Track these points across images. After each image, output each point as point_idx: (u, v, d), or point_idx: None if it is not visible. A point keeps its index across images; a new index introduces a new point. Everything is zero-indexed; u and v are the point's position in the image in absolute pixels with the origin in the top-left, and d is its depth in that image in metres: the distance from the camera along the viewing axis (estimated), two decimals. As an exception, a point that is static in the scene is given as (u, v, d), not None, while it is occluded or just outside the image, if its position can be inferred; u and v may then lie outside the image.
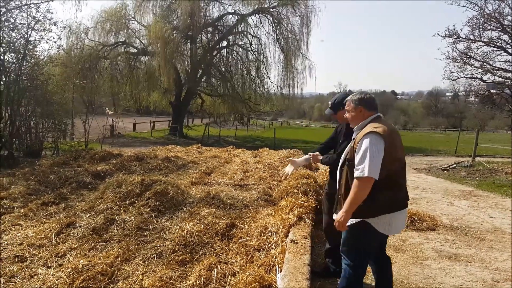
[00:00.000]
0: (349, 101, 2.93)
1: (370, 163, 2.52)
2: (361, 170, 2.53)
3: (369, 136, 2.61)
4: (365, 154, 2.55)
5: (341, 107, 3.46)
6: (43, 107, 10.64)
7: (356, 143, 2.68)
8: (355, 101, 2.89)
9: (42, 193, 5.77)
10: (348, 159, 2.74)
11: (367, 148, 2.56)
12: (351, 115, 2.91)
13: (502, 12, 13.30)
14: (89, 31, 23.29)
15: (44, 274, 3.12)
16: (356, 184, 2.55)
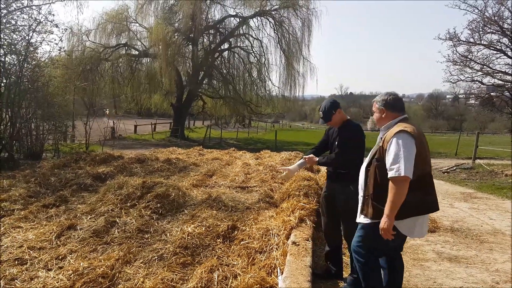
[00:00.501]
0: (374, 102, 2.94)
1: (404, 162, 2.47)
2: (396, 170, 2.48)
3: (400, 134, 2.57)
4: (399, 153, 2.50)
5: (333, 111, 3.53)
6: (44, 109, 10.65)
7: (386, 143, 2.63)
8: (379, 103, 2.88)
9: (42, 196, 5.76)
10: (377, 158, 2.68)
11: (399, 147, 2.52)
12: (376, 116, 2.92)
13: (501, 16, 13.34)
14: (91, 33, 23.38)
15: (44, 277, 3.12)
16: (393, 186, 2.50)
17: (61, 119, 11.54)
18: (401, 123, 2.69)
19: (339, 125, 3.60)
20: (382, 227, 2.55)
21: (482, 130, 46.47)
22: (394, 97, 2.84)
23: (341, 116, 3.60)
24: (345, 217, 3.52)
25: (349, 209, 3.46)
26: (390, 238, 2.57)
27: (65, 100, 12.08)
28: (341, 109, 3.61)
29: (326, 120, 3.59)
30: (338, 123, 3.60)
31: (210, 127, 27.83)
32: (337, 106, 3.57)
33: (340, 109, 3.60)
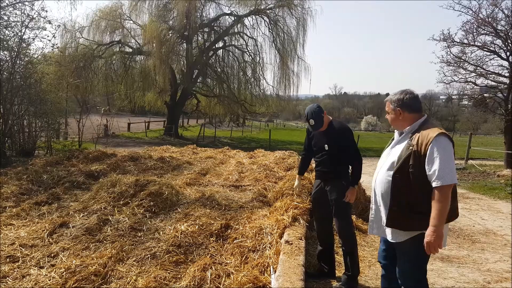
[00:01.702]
0: (388, 101, 2.69)
1: (451, 168, 2.30)
2: (444, 177, 2.27)
3: (441, 138, 2.35)
4: (444, 159, 2.30)
5: (322, 114, 3.56)
6: (36, 106, 10.56)
7: (422, 147, 2.38)
8: (394, 103, 2.63)
9: (34, 193, 5.72)
10: (412, 164, 2.40)
11: (444, 152, 2.31)
12: (390, 117, 2.67)
13: (495, 17, 13.43)
14: (84, 30, 23.22)
15: (36, 275, 3.09)
16: (441, 194, 2.28)
17: (53, 116, 11.44)
18: (432, 126, 2.48)
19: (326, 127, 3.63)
20: (429, 240, 2.29)
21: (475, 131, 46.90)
22: (411, 95, 2.59)
23: (327, 119, 3.65)
24: (338, 213, 3.54)
25: (341, 204, 3.49)
26: (436, 252, 2.35)
27: (58, 97, 11.97)
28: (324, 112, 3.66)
29: (319, 127, 3.57)
30: (325, 125, 3.64)
31: (204, 125, 27.79)
32: (322, 111, 3.58)
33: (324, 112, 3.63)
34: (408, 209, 2.41)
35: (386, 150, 2.74)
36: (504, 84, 13.86)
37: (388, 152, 2.69)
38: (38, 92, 10.63)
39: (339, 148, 3.54)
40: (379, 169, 2.67)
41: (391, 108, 2.65)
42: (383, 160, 2.69)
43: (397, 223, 2.48)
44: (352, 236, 3.58)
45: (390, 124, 2.71)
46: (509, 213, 7.04)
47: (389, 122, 2.72)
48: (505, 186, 9.68)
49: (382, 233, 2.64)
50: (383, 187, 2.56)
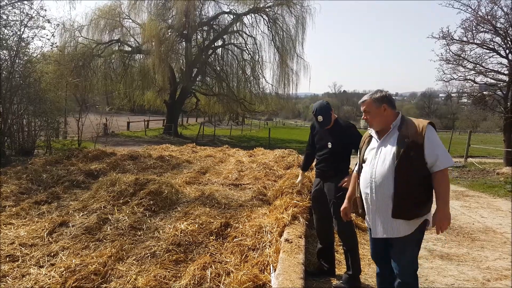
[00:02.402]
0: (368, 101, 2.69)
1: (447, 152, 2.48)
2: (445, 161, 2.44)
3: (431, 127, 2.52)
4: (439, 145, 2.47)
5: (331, 112, 3.55)
6: (35, 105, 10.54)
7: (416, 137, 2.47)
8: (378, 101, 2.65)
9: (34, 192, 5.72)
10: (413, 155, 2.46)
11: (436, 139, 2.49)
12: (373, 116, 2.66)
13: (494, 15, 13.39)
14: (83, 29, 23.16)
15: (36, 274, 3.09)
16: (444, 177, 2.45)
17: (53, 115, 11.42)
18: (410, 119, 2.63)
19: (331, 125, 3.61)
20: (444, 221, 2.44)
21: (474, 128, 46.93)
22: (389, 93, 2.72)
23: (333, 116, 3.63)
24: (336, 212, 3.53)
25: (340, 204, 3.48)
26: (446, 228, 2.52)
27: (57, 96, 11.95)
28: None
29: (328, 124, 3.53)
30: (331, 123, 3.62)
31: (204, 124, 27.77)
32: (330, 109, 3.57)
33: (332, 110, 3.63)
34: (413, 199, 2.47)
35: (369, 150, 2.72)
36: (503, 82, 13.84)
37: (374, 151, 2.65)
38: (37, 91, 10.61)
39: (343, 146, 3.53)
40: (371, 169, 2.61)
41: (374, 107, 2.66)
42: (372, 159, 2.63)
43: (406, 216, 2.51)
44: (353, 235, 3.57)
45: (371, 123, 2.70)
46: (509, 211, 7.05)
47: (370, 122, 2.70)
48: (505, 184, 9.69)
49: (389, 232, 2.57)
50: (385, 185, 2.53)
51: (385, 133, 2.64)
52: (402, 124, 2.58)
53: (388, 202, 2.52)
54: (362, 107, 2.73)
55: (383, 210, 2.56)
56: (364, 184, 2.68)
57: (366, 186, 2.64)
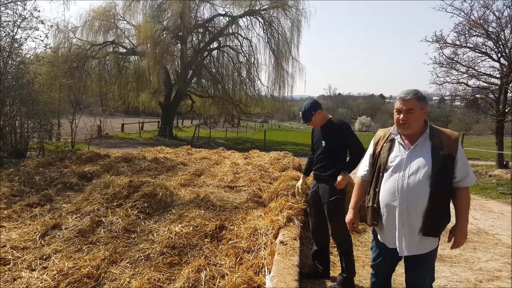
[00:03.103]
0: (414, 100, 2.35)
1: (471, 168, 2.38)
2: (470, 179, 2.35)
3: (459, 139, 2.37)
4: (466, 161, 2.35)
5: (312, 111, 3.56)
6: (28, 106, 10.46)
7: (452, 151, 2.32)
8: (422, 100, 2.36)
9: (26, 194, 5.66)
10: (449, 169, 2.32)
11: (463, 153, 2.36)
12: (416, 117, 2.35)
13: (487, 19, 13.55)
14: (77, 30, 23.08)
15: (28, 277, 3.06)
16: (468, 194, 2.37)
17: (46, 117, 11.32)
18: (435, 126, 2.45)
19: (323, 124, 3.62)
20: (462, 240, 2.42)
21: (467, 131, 47.27)
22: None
23: (322, 116, 3.61)
24: (330, 215, 3.53)
25: (333, 207, 3.47)
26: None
27: (51, 98, 11.85)
28: (322, 110, 3.62)
29: (306, 120, 3.60)
30: (320, 123, 3.63)
31: (199, 126, 27.72)
32: (317, 107, 3.56)
33: (321, 110, 3.60)
34: (443, 216, 2.36)
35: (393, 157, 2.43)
36: (496, 85, 13.99)
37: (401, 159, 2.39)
38: (30, 92, 10.53)
39: (337, 146, 3.52)
40: (401, 181, 2.35)
41: (419, 107, 2.35)
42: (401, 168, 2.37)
43: (436, 233, 2.39)
44: (347, 238, 3.57)
45: (409, 125, 2.36)
46: (501, 212, 7.11)
47: (408, 123, 2.36)
48: (497, 186, 9.77)
49: (416, 249, 2.39)
50: (419, 199, 2.31)
51: (414, 140, 2.39)
52: (433, 133, 2.39)
53: (419, 218, 2.33)
54: (405, 106, 2.36)
55: (412, 226, 2.35)
56: (389, 196, 2.40)
57: (393, 198, 2.38)
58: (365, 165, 2.69)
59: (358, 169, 2.72)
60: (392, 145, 2.47)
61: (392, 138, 2.48)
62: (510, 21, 13.14)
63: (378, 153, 2.53)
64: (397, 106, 2.40)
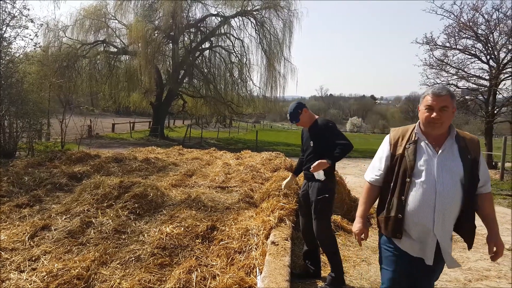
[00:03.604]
0: (448, 96, 2.13)
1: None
2: (489, 183, 2.22)
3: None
4: (486, 165, 2.23)
5: (299, 110, 3.63)
6: (17, 106, 10.33)
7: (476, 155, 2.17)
8: (454, 98, 2.16)
9: (15, 195, 5.59)
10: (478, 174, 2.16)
11: (483, 158, 2.21)
12: (449, 116, 2.15)
13: (476, 22, 13.77)
14: (68, 29, 22.85)
15: (16, 279, 3.02)
16: (492, 200, 2.25)
17: (36, 116, 11.18)
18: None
19: (310, 124, 3.68)
20: (503, 247, 2.19)
21: (456, 132, 47.87)
22: None
23: (309, 116, 3.69)
24: (316, 214, 3.51)
25: (320, 206, 3.47)
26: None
27: (40, 97, 11.72)
28: (308, 109, 3.71)
29: (293, 119, 3.67)
30: (307, 123, 3.69)
31: (191, 126, 27.62)
32: (302, 106, 3.67)
33: (307, 109, 3.69)
34: (470, 220, 2.19)
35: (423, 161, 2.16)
36: (485, 87, 14.21)
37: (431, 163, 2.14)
38: (19, 92, 10.40)
39: (323, 144, 3.51)
40: (435, 187, 2.10)
41: (452, 104, 2.14)
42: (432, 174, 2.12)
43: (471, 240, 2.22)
44: (330, 238, 3.55)
45: (441, 123, 2.14)
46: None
47: (441, 122, 2.13)
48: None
49: (451, 262, 2.20)
50: (455, 209, 2.13)
51: (441, 142, 2.18)
52: (458, 135, 2.19)
53: (452, 225, 2.17)
54: (439, 102, 2.12)
55: (445, 234, 2.14)
56: (422, 205, 2.12)
57: (428, 207, 2.11)
58: (377, 169, 2.36)
59: (367, 173, 2.43)
60: (417, 147, 2.19)
61: (417, 139, 2.21)
62: (499, 23, 13.37)
63: (399, 155, 2.23)
64: (429, 102, 2.13)
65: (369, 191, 2.41)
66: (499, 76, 13.73)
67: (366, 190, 2.43)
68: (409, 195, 2.16)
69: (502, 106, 14.61)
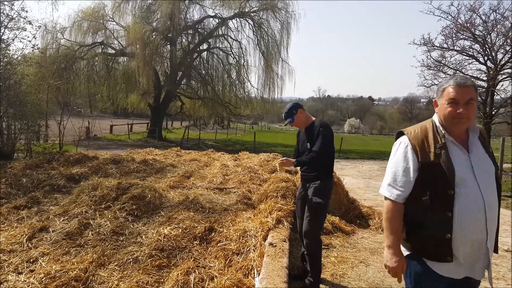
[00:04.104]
0: (473, 88, 1.87)
1: None
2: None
3: None
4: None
5: (294, 110, 3.62)
6: (16, 107, 10.32)
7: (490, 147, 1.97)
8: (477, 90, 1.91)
9: (13, 197, 5.58)
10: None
11: None
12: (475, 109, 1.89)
13: (473, 23, 13.83)
14: (66, 30, 22.87)
15: (14, 281, 3.02)
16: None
17: (34, 118, 11.18)
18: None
19: (306, 126, 3.66)
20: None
21: (454, 133, 47.93)
22: None
23: (305, 116, 3.66)
24: (308, 213, 3.48)
25: (314, 206, 3.45)
26: None
27: (38, 99, 11.72)
28: (304, 110, 3.68)
29: (287, 117, 3.65)
30: (303, 124, 3.67)
31: (188, 128, 27.63)
32: (298, 107, 3.65)
33: (303, 110, 3.67)
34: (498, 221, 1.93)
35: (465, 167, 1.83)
36: (482, 88, 14.26)
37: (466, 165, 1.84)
38: (17, 93, 10.40)
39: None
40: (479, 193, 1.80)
41: (476, 97, 1.89)
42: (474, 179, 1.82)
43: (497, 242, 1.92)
44: (317, 242, 3.52)
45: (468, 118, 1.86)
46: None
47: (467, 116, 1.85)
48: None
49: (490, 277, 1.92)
50: (496, 211, 1.87)
51: (465, 140, 1.91)
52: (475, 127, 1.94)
53: (493, 235, 1.86)
54: (465, 94, 1.84)
55: (491, 246, 1.86)
56: (474, 218, 1.79)
57: (480, 220, 1.80)
58: (403, 183, 1.92)
59: (386, 189, 1.98)
60: (447, 149, 1.86)
61: (444, 139, 1.88)
62: (496, 24, 13.42)
63: (431, 163, 1.85)
64: (452, 95, 1.85)
65: (395, 211, 1.94)
66: (497, 77, 13.78)
67: (391, 211, 1.95)
68: (456, 209, 1.80)
69: (500, 107, 14.66)
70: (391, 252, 1.93)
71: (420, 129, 1.96)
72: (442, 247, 1.82)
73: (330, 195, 3.63)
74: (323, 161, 3.52)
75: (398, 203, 1.93)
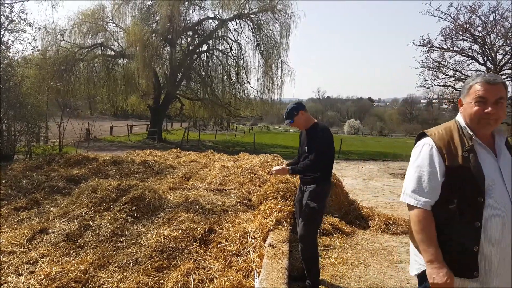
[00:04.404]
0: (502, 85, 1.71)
1: None
2: None
3: None
4: None
5: (295, 111, 3.53)
6: (16, 109, 10.34)
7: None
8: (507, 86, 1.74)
9: (13, 198, 5.59)
10: None
11: None
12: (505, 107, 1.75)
13: (473, 23, 13.84)
14: (65, 32, 22.87)
15: (14, 282, 3.02)
16: None
17: (34, 120, 11.21)
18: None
19: (307, 128, 3.59)
20: None
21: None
22: None
23: (306, 118, 3.57)
24: (304, 217, 3.44)
25: (310, 209, 3.40)
26: None
27: (38, 101, 11.74)
28: (306, 112, 3.58)
29: (288, 118, 3.57)
30: (303, 125, 3.60)
31: (188, 129, 27.64)
32: (300, 108, 3.55)
33: (304, 111, 3.56)
34: None
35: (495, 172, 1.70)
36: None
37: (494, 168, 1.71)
38: (17, 95, 10.42)
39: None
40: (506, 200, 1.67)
41: (507, 95, 1.75)
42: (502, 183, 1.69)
43: None
44: (313, 246, 3.48)
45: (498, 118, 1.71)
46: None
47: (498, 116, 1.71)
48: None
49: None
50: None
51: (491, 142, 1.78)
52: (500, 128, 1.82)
53: None
54: (495, 93, 1.70)
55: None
56: (504, 230, 1.65)
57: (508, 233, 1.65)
58: (431, 189, 1.75)
59: (411, 196, 1.80)
60: (475, 152, 1.71)
61: (471, 142, 1.73)
62: (495, 25, 13.44)
63: (459, 168, 1.70)
64: (480, 93, 1.70)
65: (427, 219, 1.75)
66: (496, 78, 13.78)
67: (422, 220, 1.75)
68: (485, 219, 1.65)
69: (499, 108, 14.64)
70: (436, 266, 1.69)
71: (445, 131, 1.81)
72: (471, 261, 1.66)
73: (326, 198, 3.58)
74: (320, 165, 3.47)
75: (427, 210, 1.75)
